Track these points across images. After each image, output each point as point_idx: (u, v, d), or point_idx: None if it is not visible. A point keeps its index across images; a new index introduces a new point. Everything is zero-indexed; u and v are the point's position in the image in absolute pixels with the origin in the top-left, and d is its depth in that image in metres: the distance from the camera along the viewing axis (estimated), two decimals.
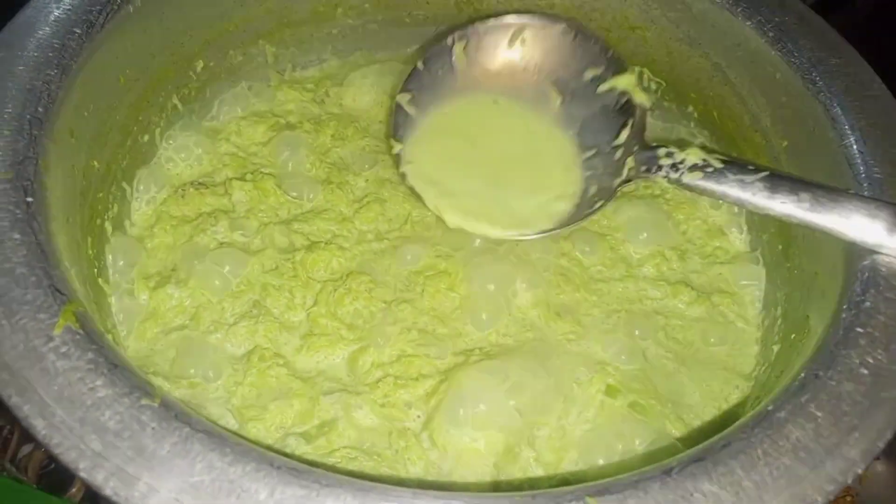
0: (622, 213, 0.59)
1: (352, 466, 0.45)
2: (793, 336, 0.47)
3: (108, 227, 0.51)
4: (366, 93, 0.65)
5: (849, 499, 0.62)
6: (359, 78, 0.65)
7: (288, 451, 0.45)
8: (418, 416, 0.48)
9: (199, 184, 0.56)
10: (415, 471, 0.46)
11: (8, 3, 0.46)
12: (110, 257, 0.50)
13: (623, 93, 0.54)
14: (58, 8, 0.46)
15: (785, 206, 0.43)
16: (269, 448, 0.33)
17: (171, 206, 0.55)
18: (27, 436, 0.33)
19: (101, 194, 0.49)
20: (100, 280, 0.48)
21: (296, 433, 0.46)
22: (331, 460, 0.45)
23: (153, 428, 0.31)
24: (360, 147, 0.62)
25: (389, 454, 0.46)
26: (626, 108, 0.54)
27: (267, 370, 0.48)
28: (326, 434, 0.46)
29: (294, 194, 0.57)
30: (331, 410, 0.47)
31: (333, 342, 0.50)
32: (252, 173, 0.58)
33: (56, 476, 0.59)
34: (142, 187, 0.55)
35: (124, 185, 0.53)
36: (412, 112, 0.55)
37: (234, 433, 0.32)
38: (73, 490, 0.58)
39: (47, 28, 0.45)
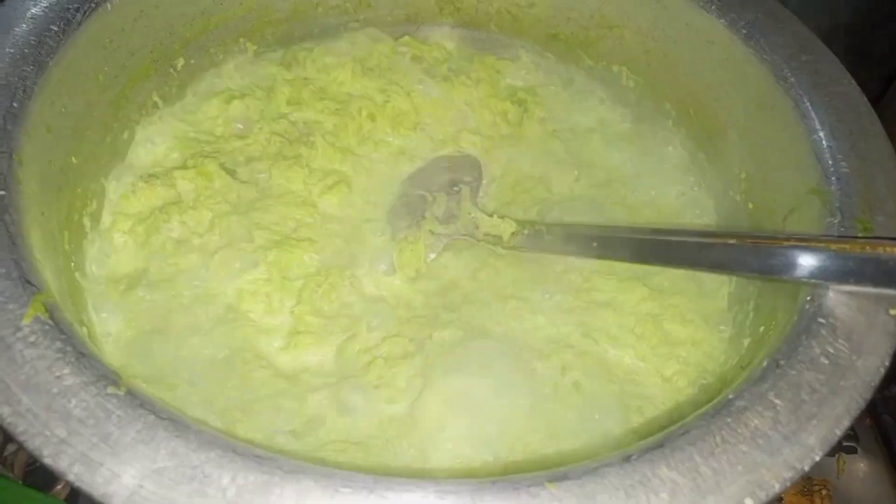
0: None
1: (342, 459, 0.45)
2: (762, 329, 0.47)
3: (87, 222, 0.51)
4: (334, 59, 0.65)
5: (824, 492, 0.63)
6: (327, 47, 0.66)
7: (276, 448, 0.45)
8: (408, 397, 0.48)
9: (150, 175, 0.55)
10: (404, 459, 0.46)
11: None
12: (88, 252, 0.50)
13: None
14: (35, 6, 0.47)
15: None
16: (256, 445, 0.33)
17: (124, 204, 0.54)
18: None
19: (79, 189, 0.50)
20: (77, 274, 0.48)
21: (284, 431, 0.46)
22: (320, 454, 0.45)
23: (118, 416, 0.31)
24: (318, 110, 0.61)
25: (379, 444, 0.46)
26: None
27: (250, 373, 0.48)
28: (315, 430, 0.46)
29: (244, 178, 0.56)
30: (318, 407, 0.48)
31: (322, 338, 0.50)
32: (193, 157, 0.56)
33: (42, 473, 0.59)
34: (114, 183, 0.55)
35: (103, 180, 0.54)
36: None
37: (200, 421, 0.32)
38: (59, 487, 0.58)
39: (24, 25, 0.46)
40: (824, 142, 0.48)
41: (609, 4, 0.62)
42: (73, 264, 0.48)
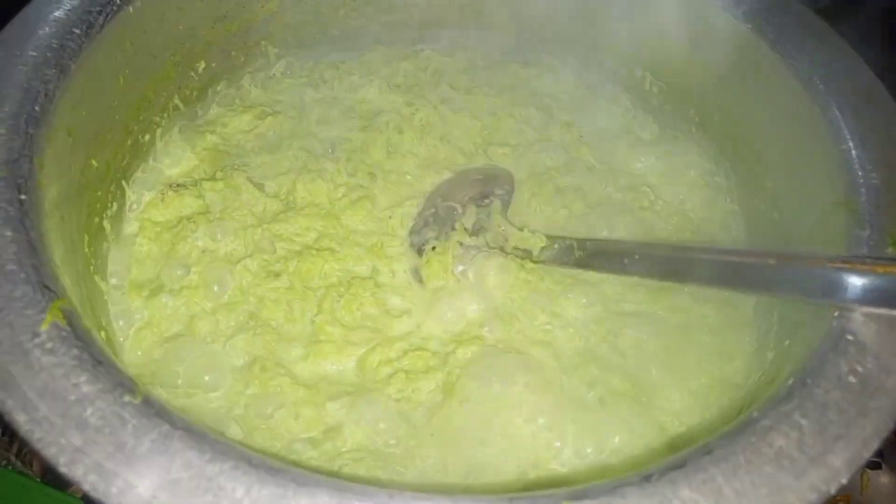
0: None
1: (359, 468, 0.45)
2: (787, 343, 0.46)
3: (107, 225, 0.51)
4: (361, 77, 0.65)
5: None
6: (356, 64, 0.66)
7: (294, 457, 0.45)
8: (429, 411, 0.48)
9: (178, 185, 0.56)
10: (422, 471, 0.46)
11: (9, 4, 0.47)
12: (109, 256, 0.51)
13: None
14: (58, 8, 0.47)
15: None
16: (274, 455, 0.33)
17: (152, 211, 0.54)
18: None
19: (99, 193, 0.50)
20: (96, 278, 0.48)
21: (302, 439, 0.46)
22: (337, 463, 0.45)
23: (134, 424, 0.31)
24: (347, 128, 0.61)
25: (397, 455, 0.46)
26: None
27: (269, 380, 0.48)
28: (333, 439, 0.46)
29: (271, 191, 0.57)
30: (337, 415, 0.47)
31: (341, 348, 0.50)
32: (223, 170, 0.57)
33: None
34: (136, 188, 0.55)
35: (123, 184, 0.54)
36: None
37: (215, 431, 0.32)
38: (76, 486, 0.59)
39: (47, 28, 0.46)
40: (853, 152, 0.47)
41: (633, 8, 0.61)
42: (92, 268, 0.48)
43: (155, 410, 0.32)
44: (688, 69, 0.60)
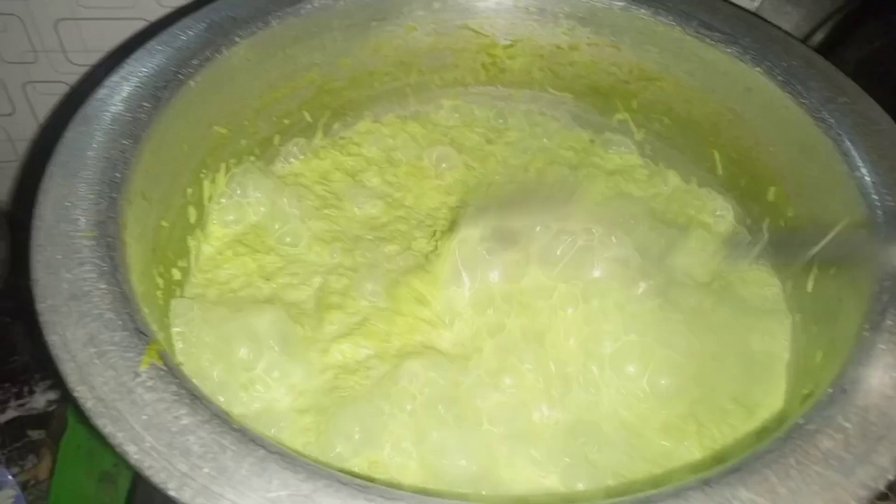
0: None
1: None
2: (819, 355, 0.49)
3: (178, 274, 0.55)
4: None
5: None
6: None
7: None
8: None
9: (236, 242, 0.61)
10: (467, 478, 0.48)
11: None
12: (177, 312, 0.54)
13: None
14: (129, 85, 0.52)
15: None
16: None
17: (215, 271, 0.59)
18: None
19: (169, 252, 0.54)
20: (172, 330, 0.52)
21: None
22: None
23: (233, 451, 0.34)
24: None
25: None
26: None
27: None
28: None
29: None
30: None
31: None
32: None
33: None
34: (203, 247, 0.60)
35: (189, 240, 0.58)
36: None
37: (304, 454, 0.35)
38: None
39: (120, 104, 0.50)
40: (868, 178, 0.50)
41: (648, 60, 0.65)
42: (167, 320, 0.51)
43: (250, 437, 0.35)
44: (704, 112, 0.64)
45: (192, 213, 0.58)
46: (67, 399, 0.42)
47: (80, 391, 0.35)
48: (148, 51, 0.55)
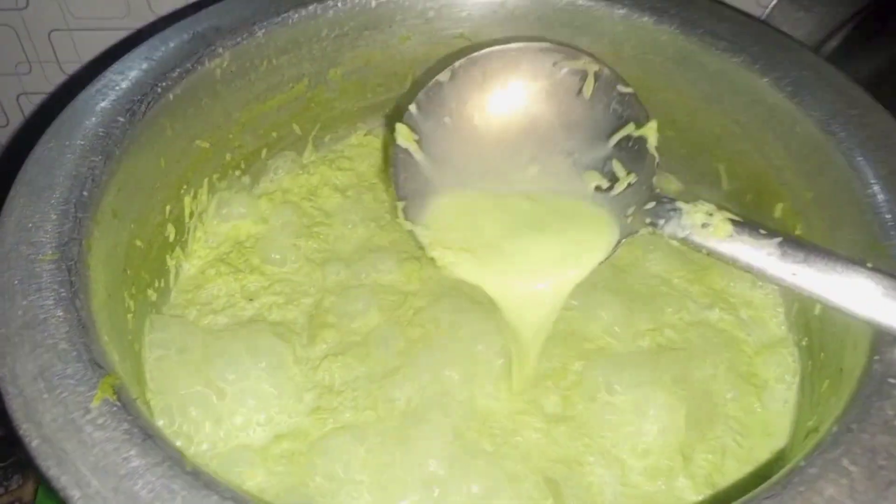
0: None
1: None
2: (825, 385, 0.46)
3: (154, 296, 0.53)
4: None
5: None
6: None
7: None
8: None
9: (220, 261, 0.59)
10: None
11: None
12: (149, 334, 0.52)
13: (636, 140, 0.53)
14: (104, 99, 0.50)
15: (796, 278, 0.42)
16: None
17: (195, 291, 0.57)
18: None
19: (143, 272, 0.52)
20: (143, 353, 0.50)
21: None
22: None
23: (183, 496, 0.32)
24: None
25: None
26: (636, 157, 0.53)
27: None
28: None
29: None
30: None
31: None
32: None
33: None
34: (184, 265, 0.58)
35: (168, 259, 0.56)
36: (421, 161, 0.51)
37: (262, 500, 0.32)
38: None
39: (93, 118, 0.49)
40: (879, 196, 0.47)
41: (652, 72, 0.63)
42: (137, 345, 0.49)
43: (203, 482, 0.32)
44: (710, 124, 0.61)
45: (171, 231, 0.56)
46: None
47: (25, 429, 0.34)
48: (125, 62, 0.53)
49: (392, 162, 0.51)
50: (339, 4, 0.60)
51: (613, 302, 0.56)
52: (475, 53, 0.51)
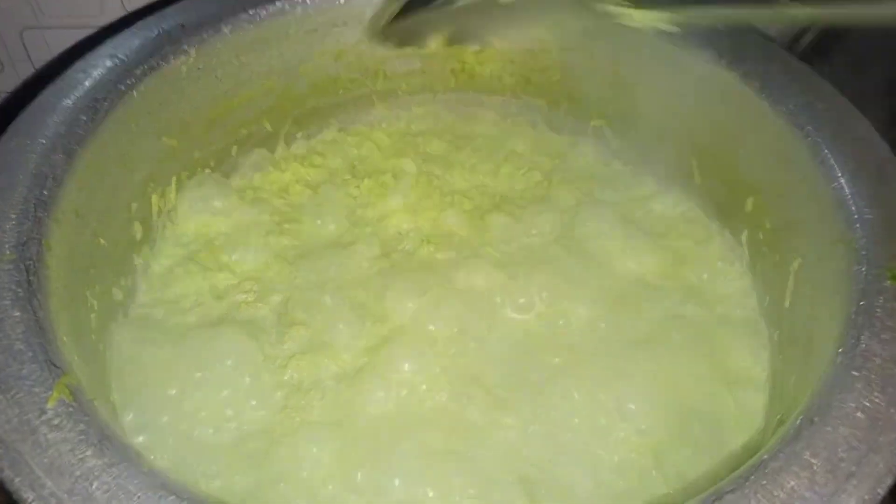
0: None
1: None
2: (792, 379, 0.46)
3: (119, 294, 0.53)
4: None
5: None
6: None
7: None
8: None
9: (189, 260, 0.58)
10: None
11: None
12: (116, 334, 0.51)
13: None
14: (66, 97, 0.49)
15: None
16: None
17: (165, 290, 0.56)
18: None
19: (108, 271, 0.51)
20: (106, 354, 0.49)
21: None
22: None
23: (139, 497, 0.31)
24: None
25: None
26: None
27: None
28: None
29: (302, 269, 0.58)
30: None
31: None
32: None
33: None
34: (145, 263, 0.57)
35: (135, 258, 0.56)
36: None
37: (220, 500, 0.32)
38: None
39: (56, 116, 0.48)
40: (846, 189, 0.47)
41: (622, 63, 0.63)
42: (101, 345, 0.48)
43: (160, 482, 0.32)
44: (678, 118, 0.61)
45: (139, 230, 0.55)
46: None
47: None
48: (89, 60, 0.52)
49: None
50: (308, 1, 0.60)
51: (588, 298, 0.56)
52: None
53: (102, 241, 0.50)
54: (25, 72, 0.82)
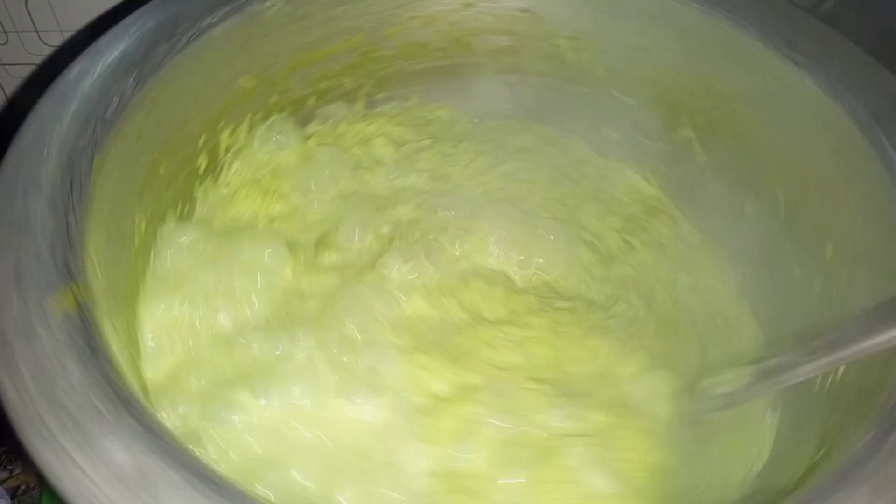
0: None
1: None
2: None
3: (172, 223, 0.54)
4: None
5: None
6: None
7: None
8: None
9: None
10: None
11: None
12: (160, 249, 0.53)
13: None
14: (145, 25, 0.51)
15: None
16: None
17: None
18: None
19: (165, 197, 0.53)
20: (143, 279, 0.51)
21: None
22: None
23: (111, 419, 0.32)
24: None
25: None
26: None
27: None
28: None
29: None
30: None
31: None
32: None
33: None
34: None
35: (196, 187, 0.57)
36: None
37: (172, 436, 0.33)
38: None
39: (133, 42, 0.49)
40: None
41: (721, 73, 0.58)
42: (141, 265, 0.50)
43: (134, 411, 0.33)
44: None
45: (203, 161, 0.57)
46: None
47: None
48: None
49: None
50: None
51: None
52: None
53: (163, 168, 0.52)
54: (31, 43, 0.80)
